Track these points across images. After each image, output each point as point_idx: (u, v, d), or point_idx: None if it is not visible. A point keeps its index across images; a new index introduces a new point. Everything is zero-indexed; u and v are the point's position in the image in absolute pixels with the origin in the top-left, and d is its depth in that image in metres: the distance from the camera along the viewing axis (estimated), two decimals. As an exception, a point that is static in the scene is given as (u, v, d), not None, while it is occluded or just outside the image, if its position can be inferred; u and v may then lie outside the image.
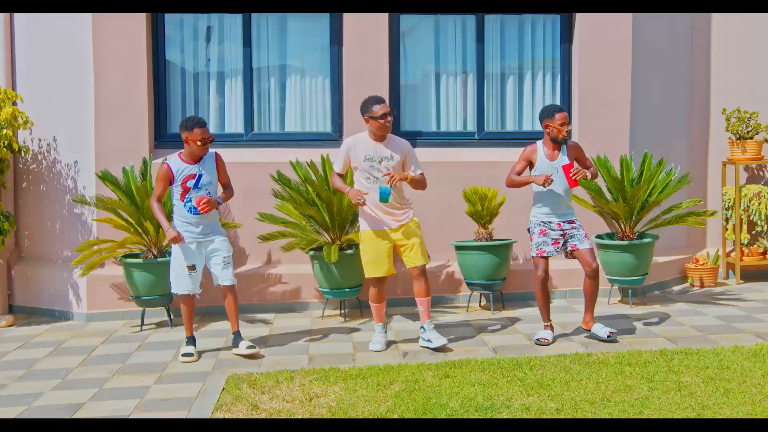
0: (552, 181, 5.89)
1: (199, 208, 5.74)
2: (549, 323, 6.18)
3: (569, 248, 6.07)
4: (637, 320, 6.74)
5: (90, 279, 7.31)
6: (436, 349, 5.91)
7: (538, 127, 8.01)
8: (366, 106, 5.89)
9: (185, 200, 5.84)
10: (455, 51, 8.06)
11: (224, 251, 5.93)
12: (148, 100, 7.53)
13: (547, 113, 6.05)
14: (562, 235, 6.04)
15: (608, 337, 6.00)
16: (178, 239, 5.78)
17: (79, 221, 7.58)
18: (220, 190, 6.12)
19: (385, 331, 6.17)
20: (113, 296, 7.39)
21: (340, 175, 6.05)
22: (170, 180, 5.84)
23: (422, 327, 6.03)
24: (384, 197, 5.68)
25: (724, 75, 8.56)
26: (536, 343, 6.03)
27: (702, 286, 8.12)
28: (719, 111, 8.49)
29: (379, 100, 5.87)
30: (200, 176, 5.85)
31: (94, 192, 7.34)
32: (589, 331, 6.14)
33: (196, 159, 5.87)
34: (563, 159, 6.03)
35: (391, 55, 7.74)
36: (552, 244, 6.03)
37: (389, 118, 5.85)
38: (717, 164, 8.62)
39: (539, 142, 6.16)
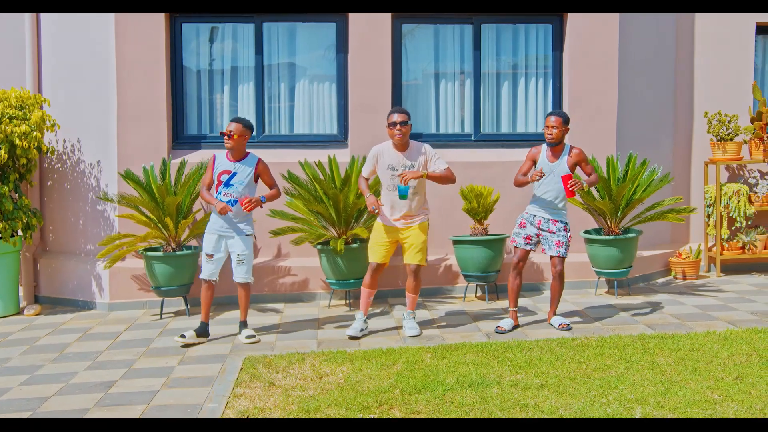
0: (543, 174, 6.39)
1: (243, 207, 6.28)
2: (514, 309, 6.67)
3: (540, 249, 6.61)
4: (621, 309, 7.28)
5: (112, 271, 7.85)
6: (409, 337, 6.45)
7: (532, 129, 8.61)
8: (389, 113, 6.40)
9: (217, 193, 6.42)
10: (453, 58, 8.60)
11: (238, 249, 6.46)
12: (166, 103, 8.06)
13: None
14: (537, 234, 6.56)
15: (560, 327, 6.54)
16: (226, 209, 6.25)
17: (101, 217, 8.12)
18: (259, 192, 6.64)
19: (365, 321, 6.61)
20: (133, 287, 7.93)
21: (366, 179, 6.54)
22: (212, 170, 6.43)
23: (403, 314, 6.64)
24: (402, 195, 6.17)
25: (706, 80, 9.11)
26: (495, 331, 6.52)
27: (684, 278, 8.66)
28: (702, 114, 9.03)
29: (397, 110, 6.35)
30: (233, 175, 6.39)
31: (116, 190, 7.87)
32: (549, 323, 6.71)
33: (238, 157, 6.43)
34: (562, 163, 6.50)
35: (394, 62, 8.27)
36: (523, 238, 6.57)
37: (398, 128, 6.27)
38: (700, 164, 9.16)
39: (544, 144, 6.63)
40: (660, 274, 8.84)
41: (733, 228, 9.07)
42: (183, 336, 6.42)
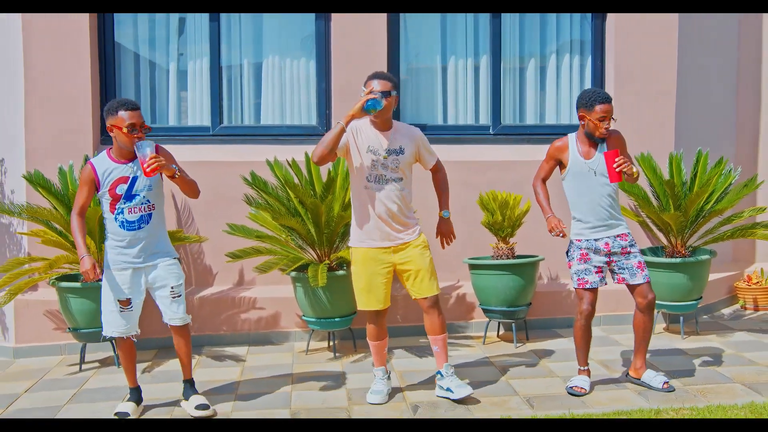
0: (565, 234, 4.67)
1: (145, 165, 4.21)
2: (586, 368, 4.87)
3: (616, 280, 4.78)
4: (695, 357, 5.46)
5: (19, 305, 5.95)
6: (458, 401, 4.60)
7: (564, 120, 6.85)
8: (366, 80, 4.57)
9: (116, 212, 4.42)
10: (466, 30, 6.76)
11: (172, 280, 4.51)
12: (92, 85, 6.19)
13: (585, 101, 4.65)
14: (608, 262, 4.73)
15: (664, 387, 4.72)
16: (89, 274, 4.35)
17: (7, 233, 6.21)
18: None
19: (388, 377, 4.83)
20: (48, 326, 6.02)
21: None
22: (95, 185, 4.43)
23: (438, 372, 4.72)
24: (371, 107, 4.34)
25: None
26: (569, 392, 4.73)
27: (756, 308, 6.87)
28: (772, 102, 7.28)
29: (376, 75, 4.54)
30: (134, 179, 4.43)
31: (25, 198, 5.97)
32: (639, 379, 4.85)
33: (130, 156, 4.46)
34: (602, 158, 4.69)
35: (391, 34, 6.44)
36: (595, 273, 4.72)
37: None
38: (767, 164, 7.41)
39: (571, 136, 4.80)
40: (724, 303, 7.03)
41: (815, 244, 7.29)
42: (124, 413, 4.54)
